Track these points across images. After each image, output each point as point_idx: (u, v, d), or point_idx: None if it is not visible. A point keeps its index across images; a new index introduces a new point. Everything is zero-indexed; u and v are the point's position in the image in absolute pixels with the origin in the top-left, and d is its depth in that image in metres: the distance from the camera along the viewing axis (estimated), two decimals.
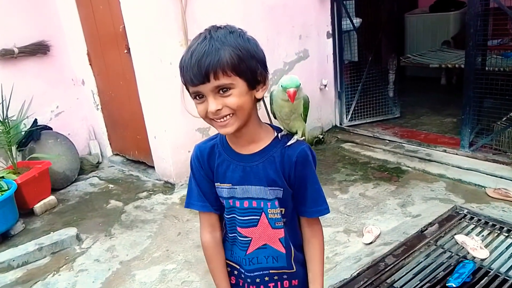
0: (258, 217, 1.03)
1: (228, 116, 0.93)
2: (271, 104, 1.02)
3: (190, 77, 0.90)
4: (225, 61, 0.90)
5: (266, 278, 1.07)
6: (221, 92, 0.92)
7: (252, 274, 1.07)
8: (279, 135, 1.04)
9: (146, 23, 3.06)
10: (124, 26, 3.25)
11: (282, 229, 1.05)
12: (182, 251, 2.56)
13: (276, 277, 1.07)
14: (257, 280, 1.07)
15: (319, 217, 1.09)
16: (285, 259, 1.06)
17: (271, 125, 1.06)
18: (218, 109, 0.92)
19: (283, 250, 1.06)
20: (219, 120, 0.94)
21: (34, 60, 3.70)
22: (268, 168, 1.00)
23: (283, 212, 1.04)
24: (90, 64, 3.93)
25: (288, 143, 1.01)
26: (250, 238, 1.05)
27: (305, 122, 1.06)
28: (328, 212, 1.06)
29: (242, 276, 1.09)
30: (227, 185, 1.03)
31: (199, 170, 1.07)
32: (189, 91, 0.96)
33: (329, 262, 2.28)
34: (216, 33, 0.92)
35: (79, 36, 3.85)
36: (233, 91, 0.93)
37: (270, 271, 1.07)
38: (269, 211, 1.02)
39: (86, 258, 2.61)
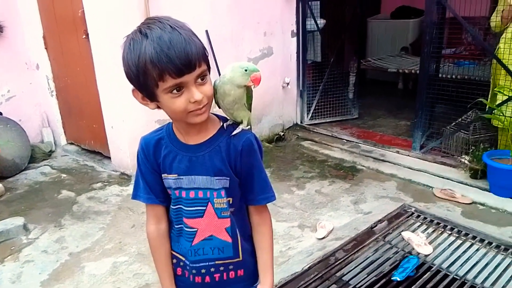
0: (204, 208, 1.03)
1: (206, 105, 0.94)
2: (214, 93, 1.00)
3: (175, 67, 0.86)
4: (200, 47, 0.90)
5: (212, 269, 1.07)
6: (199, 80, 0.91)
7: (197, 265, 1.07)
8: (225, 124, 1.04)
9: (107, 8, 2.97)
10: (83, 11, 3.14)
11: (229, 219, 1.05)
12: (135, 243, 2.51)
13: (221, 268, 1.08)
14: (202, 270, 1.07)
15: (267, 205, 1.10)
16: (231, 248, 1.07)
17: (217, 115, 1.06)
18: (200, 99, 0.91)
19: (229, 240, 1.06)
20: (199, 110, 0.93)
21: None
22: (214, 158, 1.00)
23: (230, 202, 1.04)
24: (46, 48, 3.76)
25: (233, 133, 1.02)
26: (196, 229, 1.05)
27: (250, 111, 1.05)
28: (275, 199, 1.07)
29: (187, 267, 1.09)
30: (174, 175, 1.03)
31: (145, 162, 1.06)
32: (155, 88, 0.89)
33: (282, 256, 2.32)
34: (168, 22, 0.89)
35: (35, 18, 3.68)
36: (207, 78, 0.94)
37: (216, 262, 1.07)
38: (215, 200, 1.02)
39: (33, 249, 2.50)
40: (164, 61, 0.86)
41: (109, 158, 3.56)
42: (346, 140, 3.99)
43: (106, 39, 3.04)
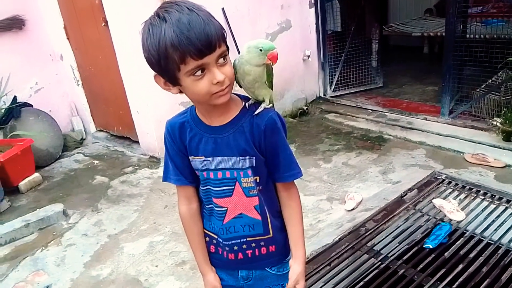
0: (232, 187, 1.05)
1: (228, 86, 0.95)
2: (235, 73, 1.00)
3: (196, 49, 0.86)
4: (219, 28, 0.90)
5: (244, 246, 1.10)
6: (220, 61, 0.91)
7: (229, 243, 1.10)
8: (247, 104, 1.04)
9: None
10: None
11: (257, 197, 1.07)
12: (169, 223, 2.60)
13: (253, 244, 1.11)
14: (235, 247, 1.11)
15: (295, 181, 1.11)
16: (261, 226, 1.09)
17: (238, 95, 1.07)
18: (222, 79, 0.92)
19: (258, 217, 1.09)
20: (221, 91, 0.93)
21: (9, 35, 3.59)
22: (239, 138, 1.01)
23: (257, 180, 1.06)
24: (68, 38, 3.83)
25: (256, 112, 1.02)
26: (226, 208, 1.08)
27: (271, 89, 1.05)
28: (301, 175, 1.08)
29: (220, 245, 1.12)
30: (201, 157, 1.05)
31: (172, 145, 1.08)
32: (177, 71, 0.90)
33: (312, 229, 2.35)
34: (185, 4, 0.89)
35: (55, 9, 3.73)
36: (227, 58, 0.94)
37: (248, 239, 1.10)
38: (243, 180, 1.04)
39: (73, 233, 2.63)
40: (185, 43, 0.86)
41: (138, 142, 3.64)
42: (371, 110, 3.93)
43: (125, 25, 3.07)
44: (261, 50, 0.95)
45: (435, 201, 2.37)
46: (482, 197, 2.40)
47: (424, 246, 2.04)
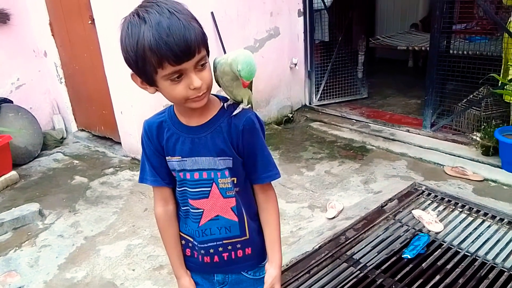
0: (209, 188, 1.04)
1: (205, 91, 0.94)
2: (214, 71, 1.00)
3: (174, 55, 0.85)
4: (199, 33, 0.89)
5: (220, 249, 1.09)
6: (199, 66, 0.90)
7: (205, 245, 1.09)
8: (225, 104, 1.04)
9: None
10: None
11: (234, 198, 1.06)
12: (148, 226, 2.56)
13: (229, 247, 1.09)
14: (211, 250, 1.09)
15: (272, 183, 1.11)
16: (238, 227, 1.08)
17: (217, 95, 1.06)
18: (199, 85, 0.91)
19: (235, 219, 1.07)
20: (197, 97, 0.93)
21: None
22: (216, 138, 1.01)
23: (235, 182, 1.05)
24: (53, 35, 3.77)
25: (234, 113, 1.01)
26: (202, 210, 1.06)
27: (251, 90, 1.05)
28: (279, 176, 1.08)
29: (196, 248, 1.11)
30: (177, 158, 1.03)
31: (149, 145, 1.06)
32: (154, 74, 0.89)
33: (293, 236, 2.35)
34: (166, 5, 0.87)
35: (41, 5, 3.68)
36: (206, 64, 0.93)
37: (224, 241, 1.09)
38: (220, 181, 1.03)
39: (49, 233, 2.56)
40: (163, 48, 0.84)
41: (120, 143, 3.59)
42: (355, 120, 3.97)
43: (111, 24, 3.03)
44: (239, 70, 0.95)
45: (415, 212, 2.40)
46: (460, 210, 2.44)
47: (402, 256, 2.06)
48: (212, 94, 1.02)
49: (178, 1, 0.91)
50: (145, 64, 0.88)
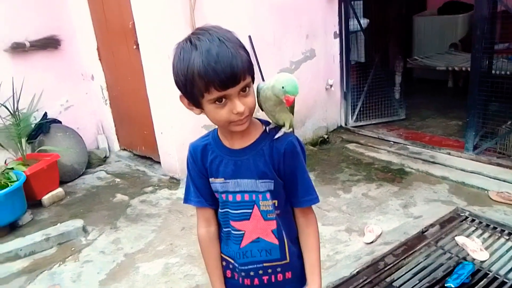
0: (251, 210, 1.06)
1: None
2: (257, 96, 1.04)
3: (220, 81, 0.89)
4: (246, 61, 0.94)
5: (260, 272, 1.10)
6: (241, 92, 0.95)
7: (245, 268, 1.10)
8: (267, 128, 1.07)
9: (155, 19, 3.11)
10: (134, 22, 3.30)
11: (275, 221, 1.08)
12: (185, 245, 2.60)
13: (269, 270, 1.10)
14: (251, 273, 1.10)
15: (312, 207, 1.12)
16: (278, 250, 1.09)
17: (259, 119, 1.09)
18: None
19: (276, 242, 1.09)
20: (240, 121, 0.97)
21: (44, 54, 3.76)
22: (258, 161, 1.04)
23: (276, 204, 1.07)
24: (100, 59, 3.99)
25: (276, 136, 1.04)
26: (243, 232, 1.08)
27: (292, 114, 1.07)
28: (318, 201, 1.09)
29: (237, 270, 1.12)
30: (220, 179, 1.07)
31: (194, 167, 1.11)
32: (201, 97, 0.94)
33: (330, 260, 2.32)
34: (216, 33, 0.93)
35: (89, 31, 3.91)
36: (250, 89, 0.97)
37: (264, 264, 1.10)
38: (261, 203, 1.06)
39: (91, 249, 2.66)
40: (211, 75, 0.89)
41: (159, 163, 3.70)
42: (393, 141, 3.89)
43: (154, 49, 3.18)
44: (283, 87, 0.98)
45: (458, 238, 2.31)
46: (507, 237, 2.32)
47: (445, 285, 1.97)
48: (254, 118, 1.06)
49: (229, 30, 0.96)
50: (193, 88, 0.94)
